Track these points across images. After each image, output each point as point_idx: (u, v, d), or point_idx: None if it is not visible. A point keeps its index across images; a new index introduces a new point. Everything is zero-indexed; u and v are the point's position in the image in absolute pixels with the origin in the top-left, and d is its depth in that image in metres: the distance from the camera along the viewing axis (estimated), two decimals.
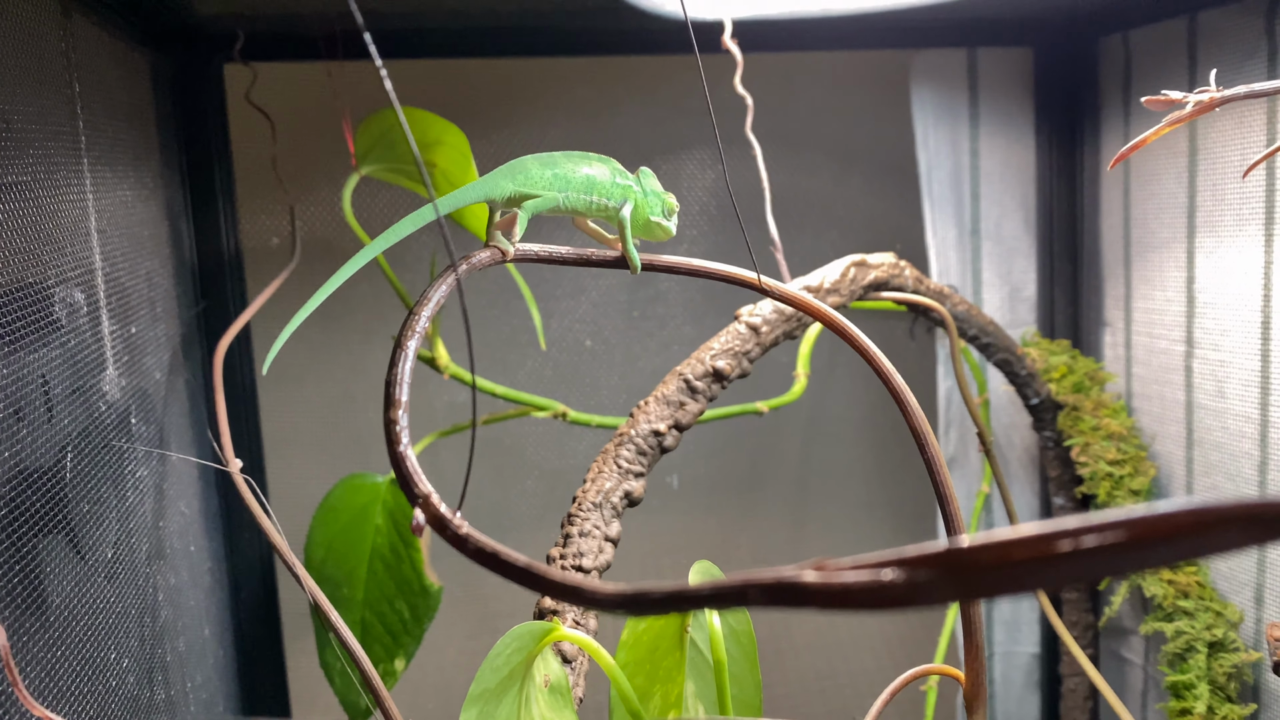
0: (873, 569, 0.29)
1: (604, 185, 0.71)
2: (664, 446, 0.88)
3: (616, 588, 0.36)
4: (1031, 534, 0.28)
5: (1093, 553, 0.28)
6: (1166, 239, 1.24)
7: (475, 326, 1.38)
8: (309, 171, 1.29)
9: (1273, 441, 1.09)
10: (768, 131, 1.16)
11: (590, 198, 0.71)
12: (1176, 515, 0.28)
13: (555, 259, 0.65)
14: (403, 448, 0.48)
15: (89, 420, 0.80)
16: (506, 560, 0.42)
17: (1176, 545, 0.28)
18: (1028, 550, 0.28)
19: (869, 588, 0.29)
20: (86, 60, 0.89)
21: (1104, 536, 0.28)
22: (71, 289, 0.80)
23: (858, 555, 0.30)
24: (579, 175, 0.70)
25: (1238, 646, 1.13)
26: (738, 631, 0.72)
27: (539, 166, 0.69)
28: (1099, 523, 0.28)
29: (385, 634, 1.17)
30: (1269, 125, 1.07)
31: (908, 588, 0.29)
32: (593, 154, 0.73)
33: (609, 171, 0.72)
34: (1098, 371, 1.32)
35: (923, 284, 1.11)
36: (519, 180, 0.69)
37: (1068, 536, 0.28)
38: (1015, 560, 0.28)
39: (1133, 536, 0.28)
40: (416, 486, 0.46)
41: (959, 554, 0.29)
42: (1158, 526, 0.28)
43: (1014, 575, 0.29)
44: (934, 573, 0.29)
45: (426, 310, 0.55)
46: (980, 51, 1.37)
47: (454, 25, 1.24)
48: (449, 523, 0.44)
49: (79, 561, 0.74)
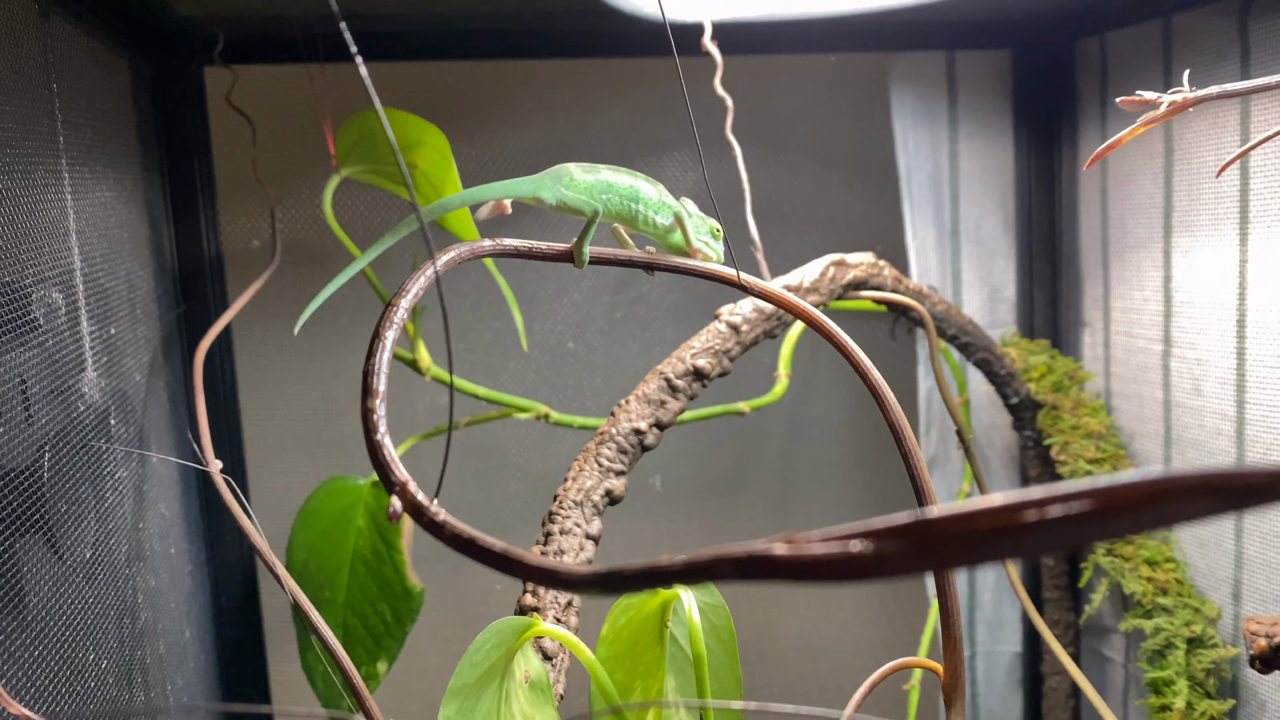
0: (841, 540, 0.30)
1: (649, 199, 0.74)
2: (645, 445, 0.88)
3: (591, 568, 0.36)
4: (998, 504, 0.28)
5: (1059, 522, 0.28)
6: (1143, 239, 1.25)
7: (458, 329, 1.38)
8: (290, 173, 1.29)
9: (1249, 439, 1.10)
10: (749, 133, 1.17)
11: (636, 206, 0.73)
12: (1140, 485, 0.28)
13: (509, 252, 0.65)
14: (380, 436, 0.48)
15: (67, 421, 0.80)
16: (483, 546, 0.42)
17: (1140, 515, 0.29)
18: (994, 520, 0.28)
19: (838, 559, 0.30)
20: (65, 62, 0.89)
21: (1069, 506, 0.28)
22: (50, 289, 0.80)
23: (827, 528, 0.30)
24: (624, 184, 0.73)
25: (1216, 643, 1.14)
26: (718, 627, 0.72)
27: (582, 172, 0.72)
28: (1064, 493, 0.28)
29: (367, 636, 1.17)
30: (1243, 126, 1.08)
31: (876, 558, 0.29)
32: (641, 174, 0.75)
33: (656, 191, 0.75)
34: (1077, 371, 1.33)
35: (902, 283, 1.12)
36: (565, 182, 0.72)
37: (1033, 506, 0.28)
38: (982, 530, 0.29)
39: (1098, 506, 0.28)
40: (393, 474, 0.46)
41: (926, 524, 0.29)
42: (1122, 496, 0.28)
43: (981, 544, 0.29)
44: (901, 543, 0.29)
45: (405, 301, 0.55)
46: (959, 54, 1.38)
47: (434, 27, 1.24)
48: (425, 510, 0.44)
49: (57, 562, 0.74)
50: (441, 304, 0.48)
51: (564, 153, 1.37)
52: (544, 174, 0.73)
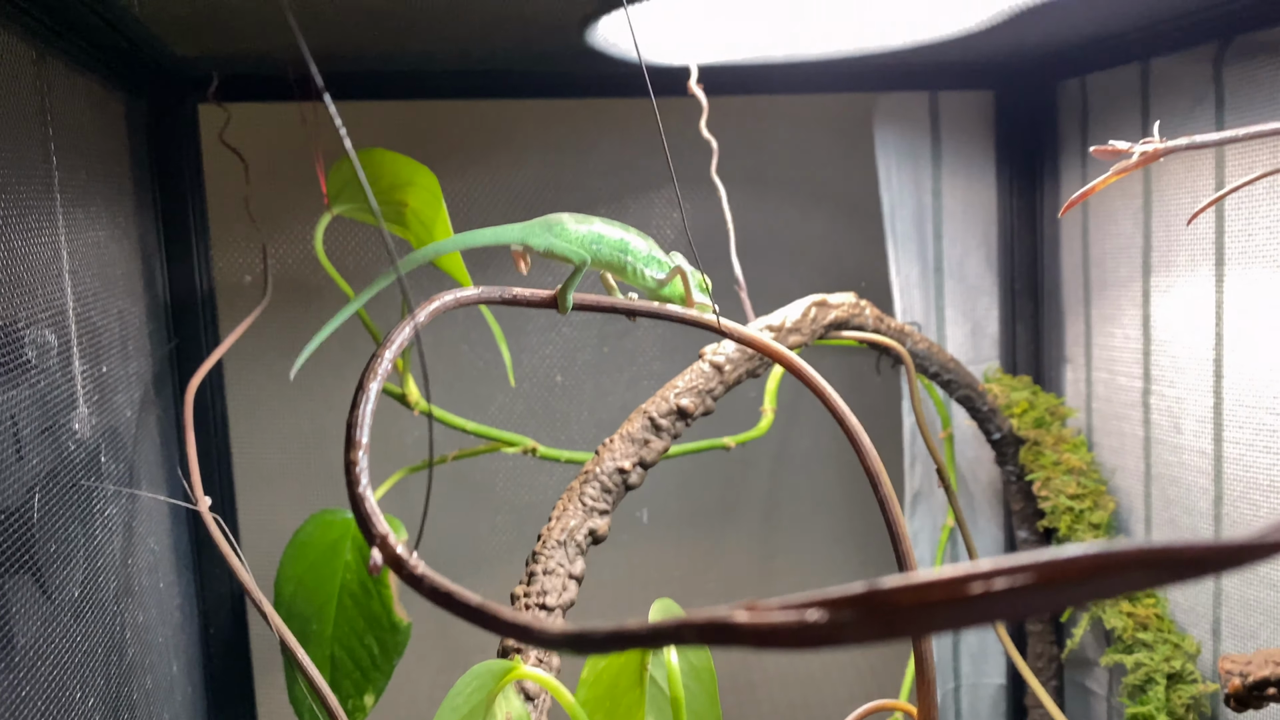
0: (799, 609, 0.31)
1: (638, 252, 0.75)
2: (629, 484, 0.89)
3: (562, 627, 0.37)
4: (946, 576, 0.30)
5: (1004, 594, 0.30)
6: (1124, 277, 1.27)
7: (447, 362, 1.40)
8: (282, 210, 1.30)
9: (1227, 476, 1.12)
10: (736, 172, 1.19)
11: (625, 257, 0.75)
12: (1081, 559, 0.30)
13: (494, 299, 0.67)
14: (362, 488, 0.49)
15: (58, 460, 0.81)
16: (460, 600, 0.43)
17: (1082, 587, 0.30)
18: (943, 591, 0.30)
19: (795, 627, 0.31)
20: (61, 103, 0.90)
21: (1014, 579, 0.30)
22: (42, 330, 0.81)
23: (786, 596, 0.32)
24: (615, 236, 0.75)
25: (1195, 678, 1.15)
26: (697, 668, 0.73)
27: (575, 223, 0.74)
28: (1009, 566, 0.30)
29: (355, 669, 1.17)
30: (1217, 170, 1.10)
31: (831, 627, 0.31)
32: (633, 228, 0.77)
33: (646, 245, 0.76)
34: (1058, 407, 1.34)
35: (884, 322, 1.14)
36: (556, 230, 0.73)
37: (980, 579, 0.30)
38: (931, 601, 0.30)
39: (1041, 579, 0.30)
40: (374, 526, 0.47)
41: (879, 595, 0.30)
42: (1063, 569, 0.30)
43: (931, 615, 0.30)
44: (855, 613, 0.30)
45: (389, 352, 0.56)
46: (942, 94, 1.41)
47: (426, 68, 1.26)
48: (405, 563, 0.46)
49: (45, 601, 0.75)
50: (420, 355, 0.49)
51: (554, 190, 1.39)
52: (535, 221, 0.74)
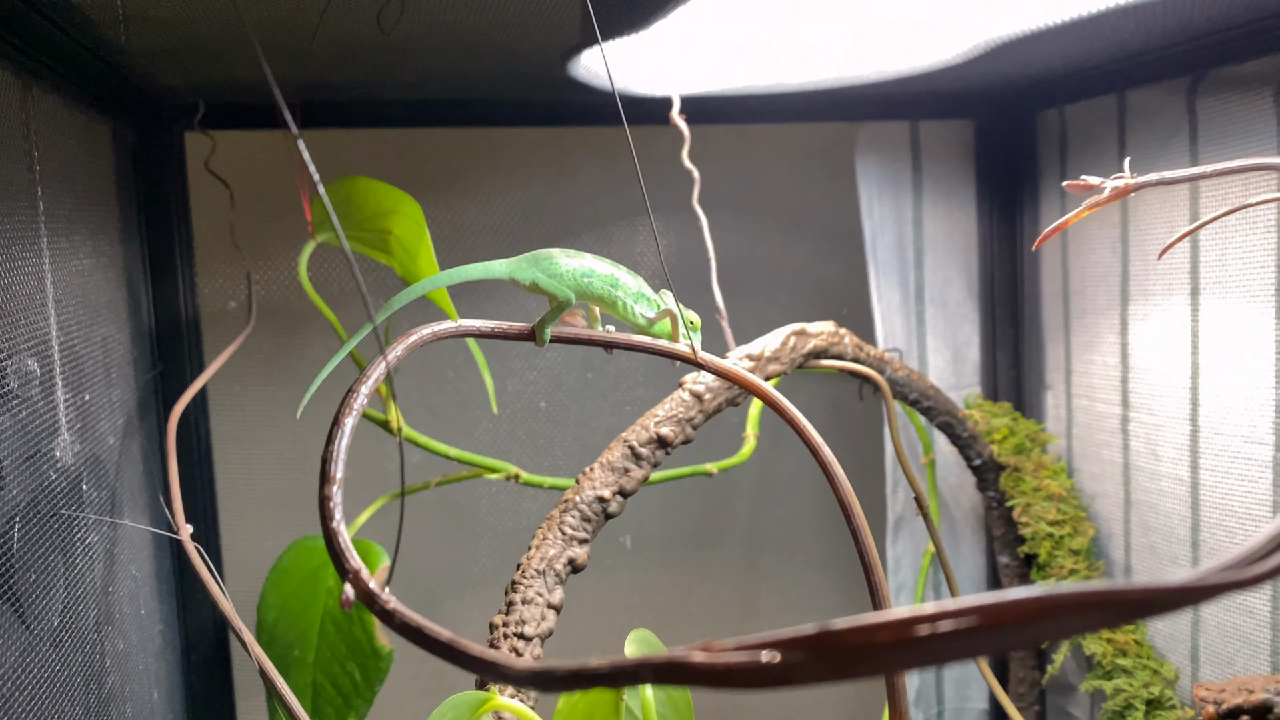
0: (753, 650, 0.32)
1: (627, 287, 0.76)
2: (609, 513, 0.90)
3: (527, 665, 0.38)
4: (894, 618, 0.31)
5: (950, 636, 0.30)
6: (1102, 305, 1.29)
7: (431, 388, 1.40)
8: (267, 237, 1.31)
9: (1204, 503, 1.13)
10: (720, 200, 1.20)
11: (615, 292, 0.76)
12: (1025, 602, 0.30)
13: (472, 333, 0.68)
14: (335, 523, 0.49)
15: (39, 489, 0.81)
16: (430, 635, 0.43)
17: (1026, 629, 0.31)
18: (891, 633, 0.31)
19: (749, 668, 0.32)
20: (47, 133, 0.91)
21: (959, 621, 0.30)
22: (25, 359, 0.81)
23: (742, 636, 0.32)
24: (605, 271, 0.75)
25: (1174, 704, 1.15)
26: (674, 697, 0.74)
27: (565, 258, 0.74)
28: (954, 609, 0.30)
29: (337, 696, 1.17)
30: (1192, 200, 1.12)
31: (785, 668, 0.31)
32: (623, 265, 0.78)
33: (635, 283, 0.77)
34: (1039, 433, 1.35)
35: (863, 351, 1.15)
36: (543, 265, 0.74)
37: (926, 621, 0.30)
38: (879, 643, 0.31)
39: (985, 621, 0.30)
40: (347, 562, 0.48)
41: (829, 636, 0.31)
42: (1007, 612, 0.30)
43: (879, 656, 0.31)
44: (807, 654, 0.31)
45: (365, 387, 0.57)
46: (923, 124, 1.42)
47: (412, 97, 1.27)
48: (377, 598, 0.46)
49: (24, 631, 0.75)
50: (391, 391, 0.50)
51: (538, 217, 1.40)
52: (524, 256, 0.75)
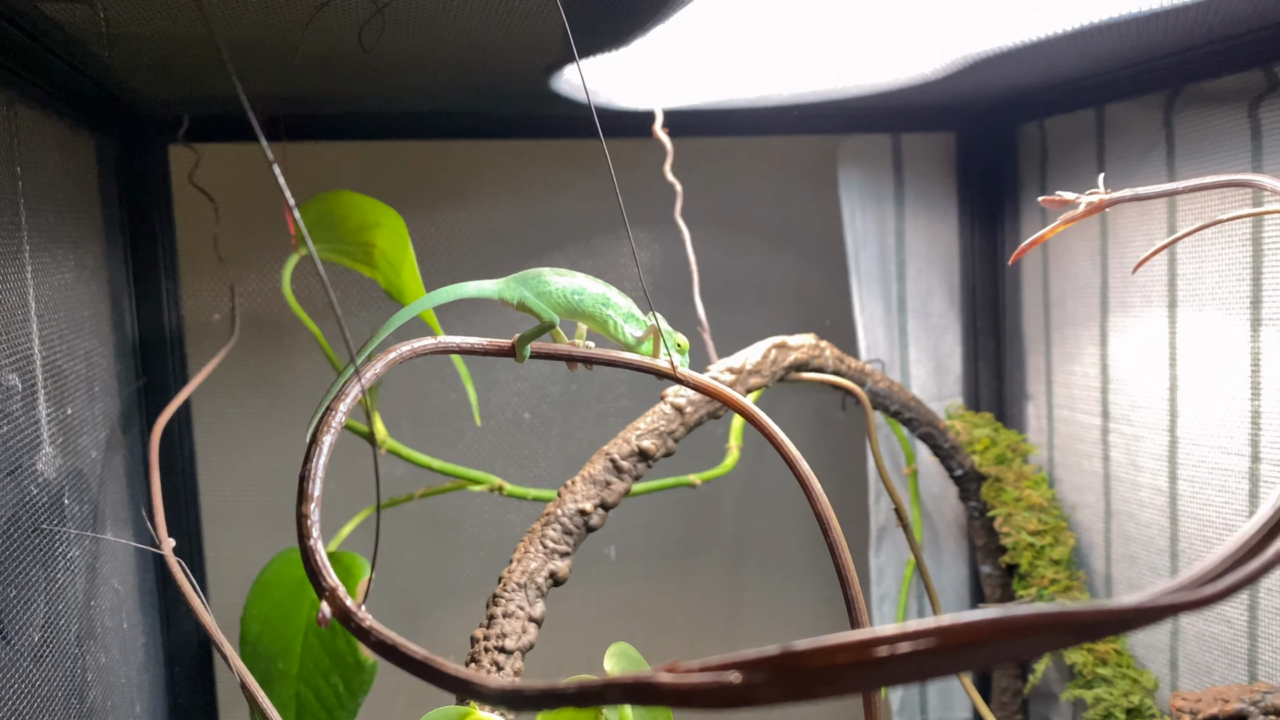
0: (718, 671, 0.32)
1: (618, 306, 0.77)
2: (590, 526, 0.90)
3: (499, 684, 0.38)
4: (854, 640, 0.31)
5: (908, 657, 0.31)
6: (1082, 316, 1.30)
7: (415, 400, 1.40)
8: (251, 250, 1.31)
9: (1182, 514, 1.14)
10: (702, 213, 1.21)
11: (606, 310, 0.76)
12: (981, 624, 0.31)
13: (451, 349, 0.68)
14: (313, 541, 0.50)
15: (20, 504, 0.81)
16: (405, 653, 0.44)
17: (983, 650, 0.31)
18: (850, 655, 0.31)
19: (714, 688, 0.32)
20: (30, 146, 0.91)
21: (918, 643, 0.31)
22: (7, 373, 0.81)
23: (707, 658, 0.33)
24: (596, 290, 0.76)
25: (1154, 713, 1.16)
26: (655, 712, 0.74)
27: (556, 276, 0.75)
28: (913, 631, 0.31)
29: (320, 708, 1.17)
30: (1170, 213, 1.13)
31: (747, 689, 0.32)
32: (614, 286, 0.78)
33: (626, 303, 0.78)
34: (1020, 443, 1.36)
35: (844, 363, 1.16)
36: (532, 285, 0.74)
37: (885, 643, 0.31)
38: (840, 664, 0.31)
39: (943, 643, 0.31)
40: (324, 580, 0.48)
41: (791, 657, 0.32)
42: (965, 634, 0.31)
43: (839, 677, 0.31)
44: (770, 675, 0.32)
45: (343, 405, 0.57)
46: (904, 136, 1.44)
47: (395, 110, 1.28)
48: (354, 615, 0.47)
49: (4, 646, 0.75)
50: (367, 410, 0.50)
51: (522, 230, 1.41)
52: (513, 276, 0.75)
